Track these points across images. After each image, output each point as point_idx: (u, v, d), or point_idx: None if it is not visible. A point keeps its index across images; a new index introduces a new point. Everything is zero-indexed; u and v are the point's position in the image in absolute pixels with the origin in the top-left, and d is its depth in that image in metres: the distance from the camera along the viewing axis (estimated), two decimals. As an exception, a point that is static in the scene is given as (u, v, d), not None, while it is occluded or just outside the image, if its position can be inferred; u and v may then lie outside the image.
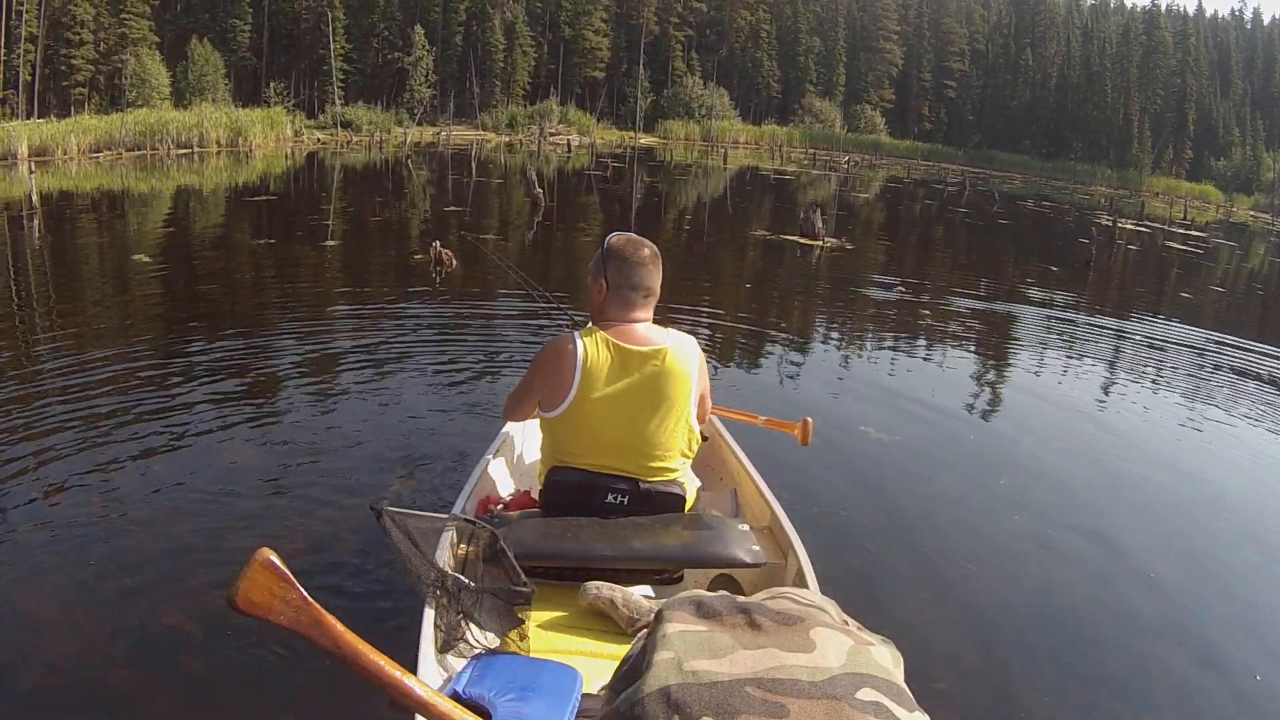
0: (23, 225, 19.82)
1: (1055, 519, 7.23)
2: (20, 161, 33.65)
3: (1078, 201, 58.08)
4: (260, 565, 1.55)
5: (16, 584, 5.31)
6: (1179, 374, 13.30)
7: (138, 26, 62.54)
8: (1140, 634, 5.64)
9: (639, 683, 0.85)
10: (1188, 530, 7.47)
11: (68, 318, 12.20)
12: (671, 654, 0.85)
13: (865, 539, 6.55)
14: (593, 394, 3.82)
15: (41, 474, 6.77)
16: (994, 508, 7.44)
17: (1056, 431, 9.89)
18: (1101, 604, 5.97)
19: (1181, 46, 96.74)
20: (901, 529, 6.88)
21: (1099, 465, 8.78)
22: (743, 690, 0.81)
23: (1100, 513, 7.53)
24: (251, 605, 1.50)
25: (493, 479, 5.05)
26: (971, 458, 8.81)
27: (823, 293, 18.27)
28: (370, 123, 64.54)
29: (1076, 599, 6.01)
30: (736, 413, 5.68)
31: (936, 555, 6.43)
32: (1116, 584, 6.23)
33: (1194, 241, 39.23)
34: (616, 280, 3.92)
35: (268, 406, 8.53)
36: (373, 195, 28.75)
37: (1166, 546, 7.10)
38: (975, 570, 6.28)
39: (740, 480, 5.01)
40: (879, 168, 72.92)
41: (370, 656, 1.50)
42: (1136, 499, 8.07)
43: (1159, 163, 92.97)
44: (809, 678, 0.84)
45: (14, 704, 4.37)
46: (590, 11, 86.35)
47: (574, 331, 3.91)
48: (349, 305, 13.39)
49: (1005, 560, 6.51)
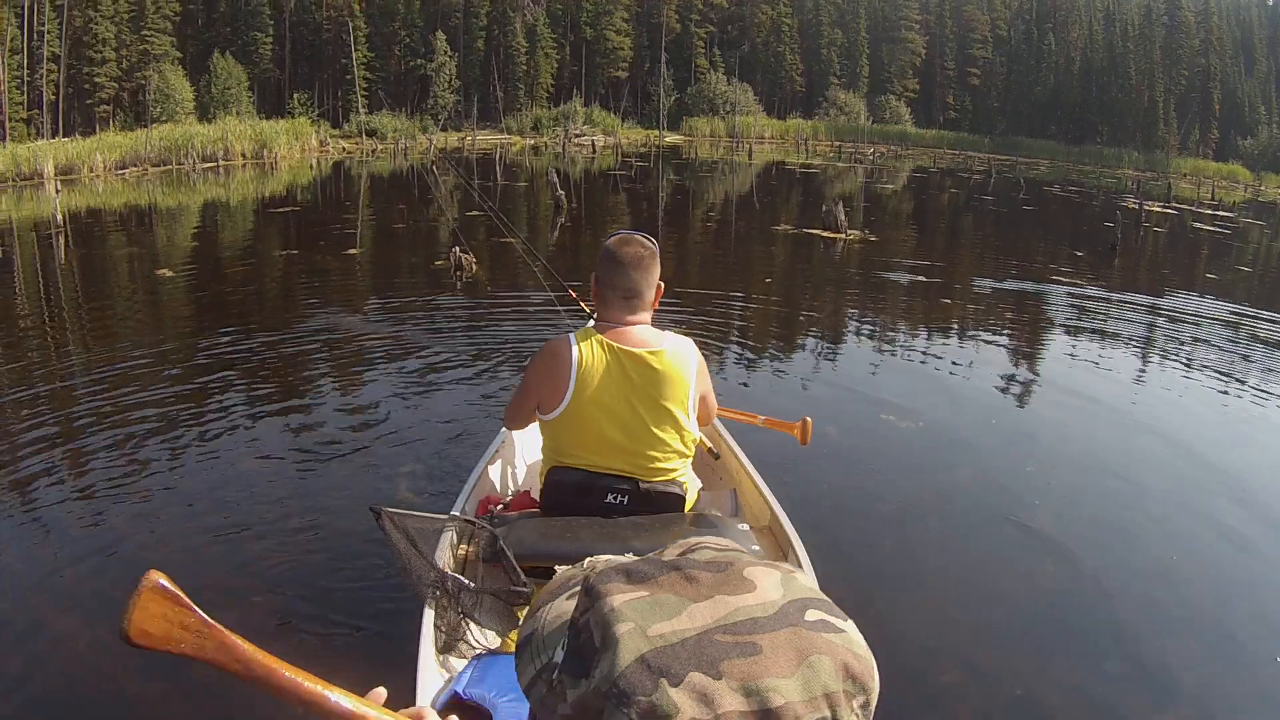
0: (51, 243, 20.00)
1: (1073, 520, 7.14)
2: (47, 180, 33.85)
3: (1105, 185, 57.50)
4: (151, 591, 1.36)
5: (33, 587, 5.39)
6: (1208, 357, 13.15)
7: (159, 43, 62.89)
8: (1164, 629, 5.58)
9: (610, 657, 0.86)
10: (1218, 518, 7.34)
11: (90, 330, 12.35)
12: (631, 624, 0.85)
13: (866, 539, 6.54)
14: (588, 395, 3.83)
15: (64, 478, 6.92)
16: (1007, 505, 7.35)
17: (1078, 425, 9.78)
18: (1119, 600, 5.88)
19: (1204, 26, 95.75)
20: (906, 526, 6.86)
21: (1126, 456, 8.67)
22: (713, 639, 0.83)
23: (1123, 505, 7.45)
24: (147, 637, 1.31)
25: (493, 479, 5.08)
26: (987, 454, 8.72)
27: (844, 285, 18.22)
28: (395, 130, 64.53)
29: (1088, 600, 5.90)
30: (736, 412, 5.65)
31: (941, 554, 6.40)
32: (1137, 578, 6.16)
33: (1222, 221, 38.81)
34: (602, 280, 3.94)
35: (275, 411, 8.68)
36: (398, 202, 28.82)
37: (1194, 535, 7.04)
38: (982, 570, 6.25)
39: (740, 480, 5.02)
40: (905, 158, 72.46)
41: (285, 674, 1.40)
42: (1163, 487, 7.97)
43: (1186, 144, 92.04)
44: (763, 613, 0.86)
45: (26, 706, 4.43)
46: (611, 11, 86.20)
47: (569, 334, 3.91)
48: (367, 312, 13.54)
49: (1015, 556, 6.44)
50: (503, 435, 5.44)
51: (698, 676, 0.84)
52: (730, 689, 0.83)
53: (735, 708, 0.82)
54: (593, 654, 0.90)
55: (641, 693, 0.84)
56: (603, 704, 0.87)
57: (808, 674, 0.86)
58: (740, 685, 0.83)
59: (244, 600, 5.27)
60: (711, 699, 0.82)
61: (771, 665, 0.85)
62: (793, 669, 0.85)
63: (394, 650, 3.94)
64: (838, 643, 0.90)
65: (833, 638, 0.90)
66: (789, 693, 0.83)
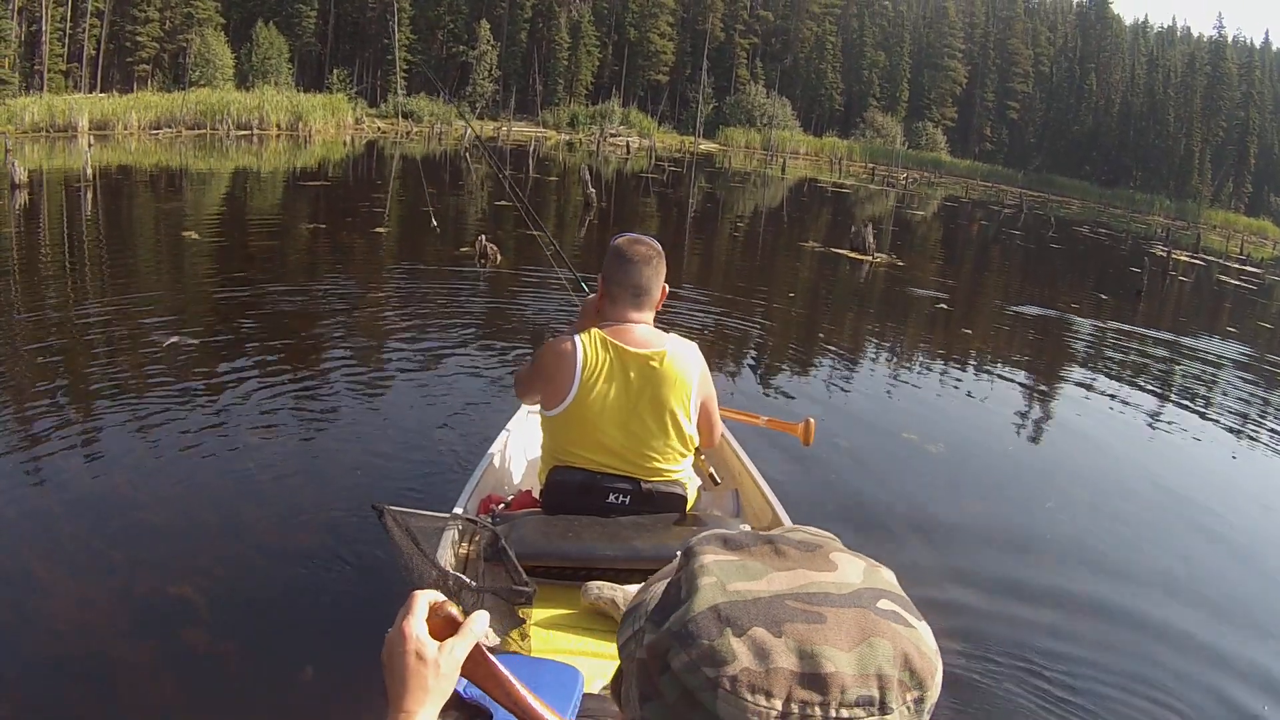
0: (79, 196, 20.10)
1: (1078, 555, 7.06)
2: (80, 134, 34.03)
3: (1134, 230, 57.57)
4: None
5: (33, 550, 5.37)
6: (1224, 403, 13.22)
7: (204, 7, 63.30)
8: (1168, 680, 5.52)
9: (687, 604, 0.91)
10: (1222, 572, 7.27)
11: (108, 284, 12.41)
12: (714, 579, 0.91)
13: (865, 549, 6.48)
14: (591, 394, 3.83)
15: (72, 444, 6.91)
16: (1014, 530, 7.32)
17: (1090, 461, 9.76)
18: (1115, 632, 5.81)
19: (1246, 79, 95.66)
20: (908, 539, 6.81)
21: (1137, 501, 8.61)
22: (783, 603, 0.87)
23: (1129, 548, 7.40)
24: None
25: (495, 478, 5.08)
26: (997, 481, 8.74)
27: (866, 305, 18.25)
28: (431, 114, 64.74)
29: (1090, 623, 5.85)
30: (738, 413, 5.63)
31: (942, 570, 6.34)
32: (1141, 626, 6.07)
33: (1248, 277, 38.77)
34: (610, 278, 3.94)
35: (282, 394, 8.61)
36: (429, 186, 28.89)
37: (1206, 576, 6.98)
38: (987, 577, 6.23)
39: (742, 481, 5.01)
40: (937, 186, 72.56)
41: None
42: (1176, 530, 7.96)
43: (1218, 195, 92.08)
44: (837, 591, 0.91)
45: (17, 667, 4.41)
46: (656, 15, 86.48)
47: (574, 333, 3.90)
48: (387, 294, 13.54)
49: (1018, 584, 6.32)
50: (504, 435, 5.46)
51: (760, 631, 0.88)
52: (787, 648, 0.86)
53: (787, 665, 0.86)
54: (676, 604, 0.94)
55: (705, 637, 0.89)
56: (670, 644, 0.91)
57: (865, 651, 0.88)
58: (797, 646, 0.87)
59: (243, 595, 5.25)
60: (767, 653, 0.86)
61: (832, 636, 0.88)
62: (851, 645, 0.88)
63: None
64: (903, 634, 0.92)
65: (900, 628, 0.92)
66: (841, 664, 0.86)
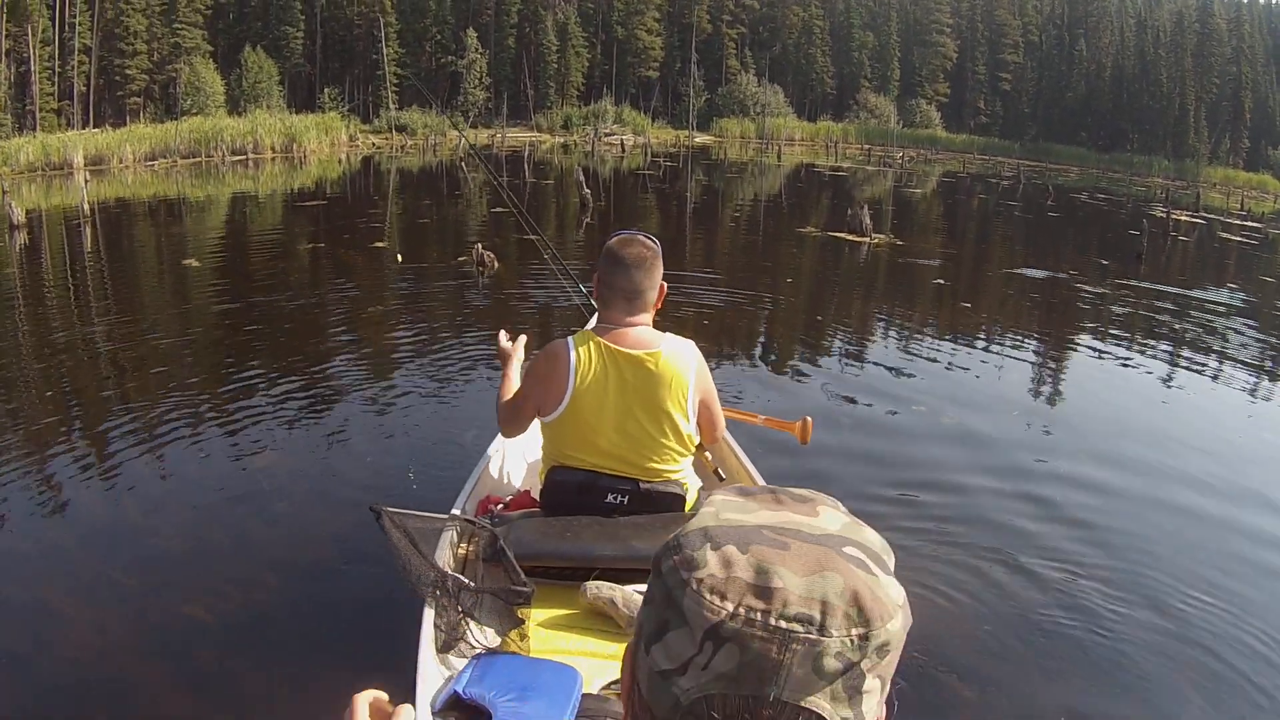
0: (79, 231, 20.19)
1: (1090, 534, 6.96)
2: (76, 170, 34.10)
3: (1133, 193, 57.12)
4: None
5: (50, 582, 5.43)
6: (1233, 362, 13.19)
7: (190, 36, 63.27)
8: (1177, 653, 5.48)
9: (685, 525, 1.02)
10: (1239, 537, 7.19)
11: (114, 316, 12.47)
12: (713, 509, 1.02)
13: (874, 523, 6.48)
14: (587, 397, 3.83)
15: (85, 475, 6.96)
16: (1016, 509, 7.25)
17: (1090, 434, 9.67)
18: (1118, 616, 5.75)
19: (1236, 34, 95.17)
20: (909, 528, 6.75)
21: (1152, 472, 8.46)
22: (759, 531, 0.96)
23: (1147, 525, 7.31)
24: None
25: (493, 479, 5.09)
26: (999, 457, 8.58)
27: (866, 287, 18.29)
28: (425, 126, 64.70)
29: (1097, 618, 5.74)
30: (736, 412, 5.58)
31: (941, 554, 6.32)
32: (1151, 597, 6.01)
33: (1249, 232, 38.60)
34: (604, 280, 3.94)
35: (287, 415, 8.66)
36: (425, 198, 28.86)
37: (1215, 554, 6.93)
38: (987, 574, 6.13)
39: (741, 480, 4.95)
40: (935, 163, 72.11)
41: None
42: (1185, 503, 7.82)
43: (1216, 153, 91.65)
44: (810, 530, 0.98)
45: (39, 695, 4.47)
46: (642, 11, 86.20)
47: (567, 337, 3.91)
48: (386, 307, 13.65)
49: (1023, 569, 6.26)
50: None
51: (730, 548, 0.96)
52: (748, 564, 0.94)
53: (744, 576, 0.93)
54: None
55: (689, 547, 0.97)
56: (663, 553, 1.00)
57: (816, 580, 0.94)
58: (756, 563, 0.94)
59: (243, 598, 5.30)
60: (731, 565, 0.94)
61: (791, 561, 0.95)
62: (806, 572, 0.94)
63: (394, 650, 3.94)
64: (860, 575, 0.96)
65: (859, 571, 0.97)
66: (791, 584, 0.93)
